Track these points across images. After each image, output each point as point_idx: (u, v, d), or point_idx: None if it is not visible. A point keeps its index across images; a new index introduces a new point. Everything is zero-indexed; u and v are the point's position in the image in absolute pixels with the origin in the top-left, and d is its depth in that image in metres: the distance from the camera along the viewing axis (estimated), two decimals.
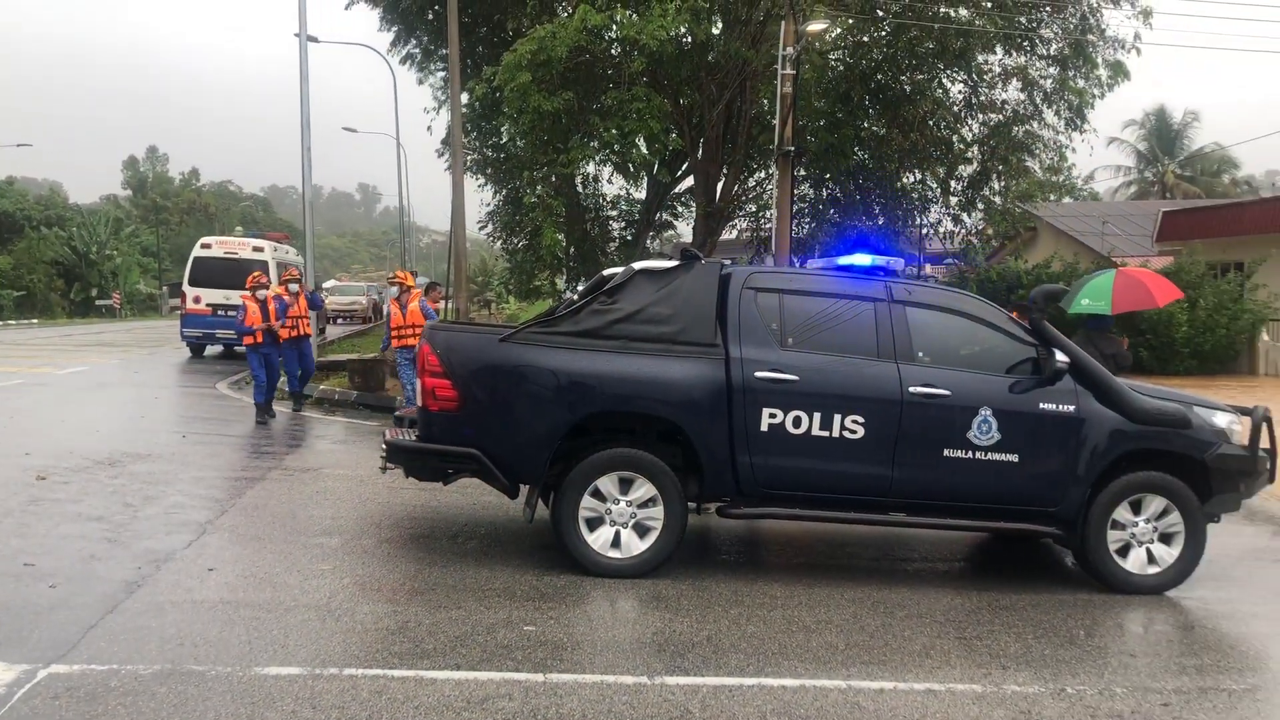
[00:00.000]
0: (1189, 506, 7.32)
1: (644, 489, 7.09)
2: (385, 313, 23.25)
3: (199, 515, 8.41)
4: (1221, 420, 7.58)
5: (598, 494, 7.10)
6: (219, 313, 24.05)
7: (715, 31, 23.78)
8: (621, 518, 7.11)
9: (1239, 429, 7.61)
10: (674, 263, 7.56)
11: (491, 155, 27.40)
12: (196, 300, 24.43)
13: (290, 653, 5.42)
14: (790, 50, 18.36)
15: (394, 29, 26.36)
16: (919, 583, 7.54)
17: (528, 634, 5.87)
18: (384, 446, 7.55)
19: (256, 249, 25.19)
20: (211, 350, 25.50)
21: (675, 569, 7.25)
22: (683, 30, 21.33)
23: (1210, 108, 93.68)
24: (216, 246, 25.48)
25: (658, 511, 7.10)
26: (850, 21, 23.05)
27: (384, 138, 44.56)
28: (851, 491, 7.30)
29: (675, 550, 7.17)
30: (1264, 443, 7.58)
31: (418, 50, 27.19)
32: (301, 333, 15.38)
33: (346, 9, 25.48)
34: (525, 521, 7.48)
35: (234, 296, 23.97)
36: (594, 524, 7.11)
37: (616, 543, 7.11)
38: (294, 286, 15.33)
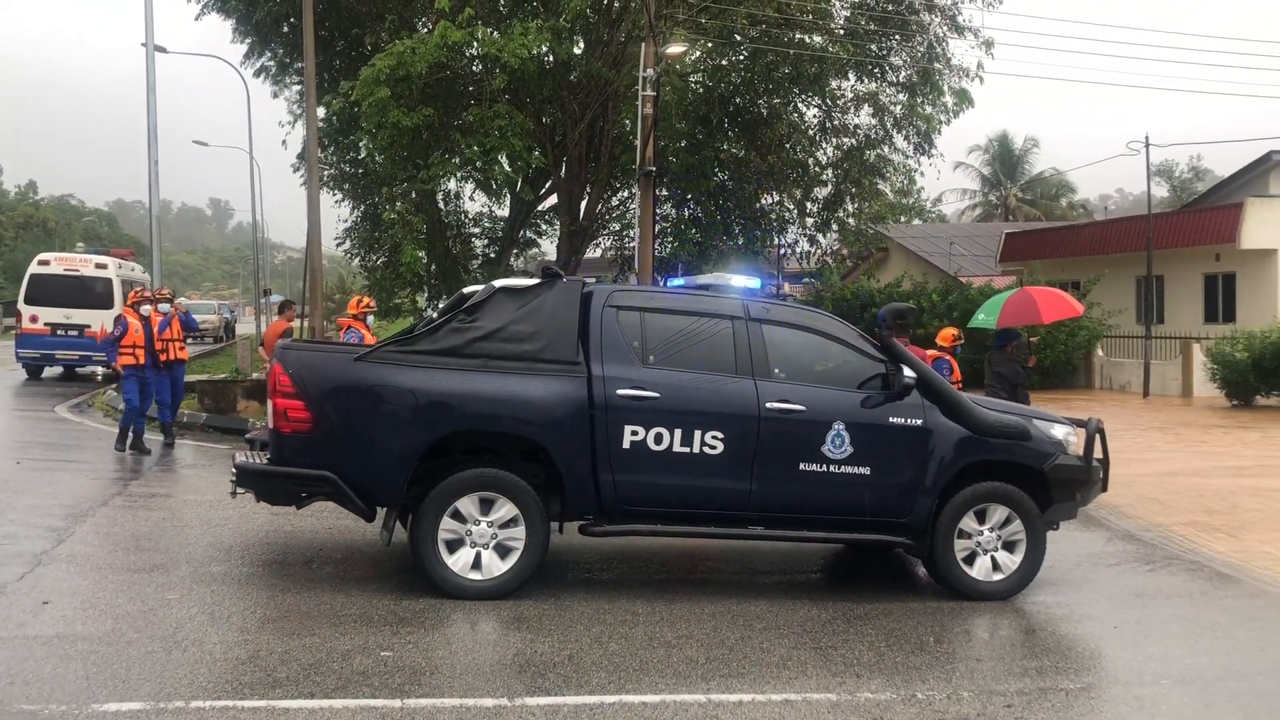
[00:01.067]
0: (1030, 515, 7.64)
1: (505, 509, 7.04)
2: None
3: (33, 546, 7.97)
4: (1059, 432, 7.96)
5: (458, 515, 7.00)
6: (59, 332, 22.91)
7: (577, 51, 23.90)
8: (482, 539, 7.03)
9: (1075, 440, 8.00)
10: (535, 280, 7.55)
11: (349, 170, 26.91)
12: (33, 319, 23.17)
13: (132, 687, 5.17)
14: (650, 72, 18.58)
15: (248, 40, 25.62)
16: (777, 595, 7.68)
17: (384, 659, 5.75)
18: (234, 470, 7.30)
19: (100, 265, 24.07)
20: (50, 372, 24.23)
21: (537, 589, 7.21)
22: (544, 49, 21.36)
23: (1049, 134, 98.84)
24: (56, 263, 24.24)
25: (519, 532, 7.05)
26: (709, 45, 23.48)
27: (237, 151, 43.36)
28: (712, 506, 7.40)
29: (537, 570, 7.13)
30: (1097, 453, 7.99)
31: (273, 63, 26.50)
32: (175, 356, 13.82)
33: (197, 19, 24.67)
34: (382, 545, 7.33)
35: (75, 315, 22.93)
36: (454, 546, 7.01)
37: (477, 564, 7.03)
38: (165, 306, 13.86)
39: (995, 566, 7.63)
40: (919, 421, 7.53)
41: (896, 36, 24.12)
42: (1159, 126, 63.13)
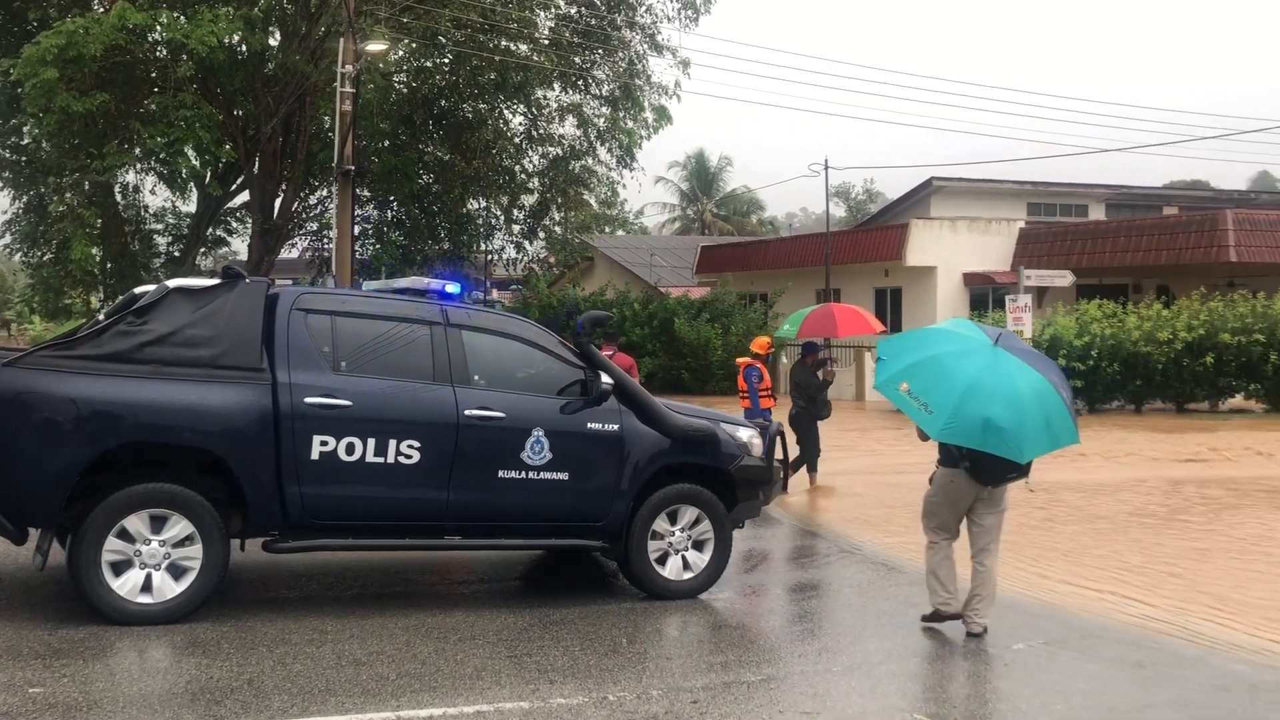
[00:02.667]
0: (718, 515, 7.96)
1: (179, 526, 6.53)
2: None
3: None
4: (744, 435, 8.34)
5: (125, 534, 6.42)
6: None
7: (273, 43, 22.84)
8: (154, 559, 6.49)
9: (758, 443, 8.41)
10: (214, 281, 7.08)
11: (10, 157, 24.39)
12: None
13: None
14: (350, 68, 18.01)
15: None
16: (475, 604, 7.60)
17: (34, 697, 5.18)
18: None
19: None
20: None
21: (216, 610, 6.75)
22: (236, 39, 20.26)
23: (742, 154, 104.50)
24: None
25: (195, 550, 6.56)
26: (413, 46, 23.09)
27: None
28: (408, 517, 7.21)
29: (216, 591, 6.68)
30: (778, 454, 8.45)
31: None
32: None
33: None
34: (36, 570, 6.62)
35: None
36: (120, 568, 6.43)
37: (148, 586, 6.48)
38: None
39: (686, 566, 7.88)
40: (615, 427, 7.66)
41: (600, 50, 24.70)
42: (838, 150, 68.06)
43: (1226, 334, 21.38)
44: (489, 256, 30.44)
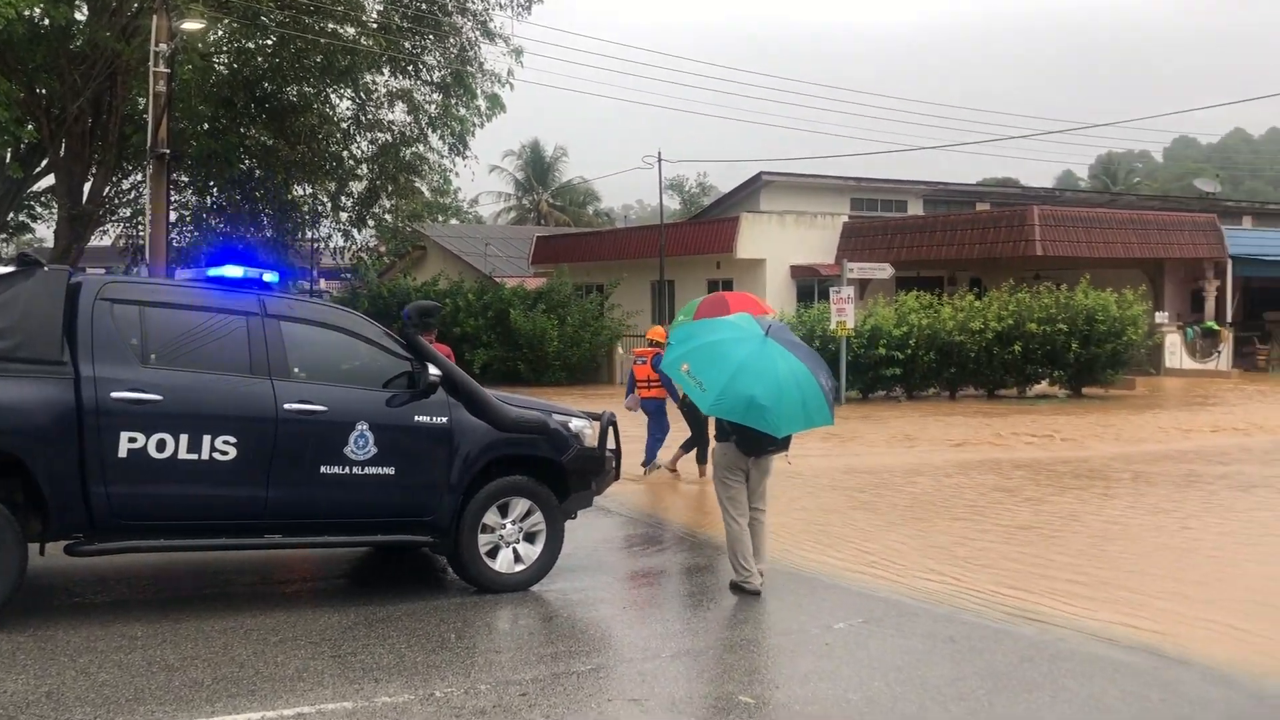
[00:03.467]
0: (549, 506, 7.93)
1: None
2: None
3: None
4: (576, 425, 8.33)
5: None
6: None
7: (80, 17, 21.56)
8: None
9: (590, 432, 8.42)
10: (7, 269, 6.63)
11: None
12: None
13: None
14: (164, 47, 17.13)
15: None
16: (298, 604, 7.36)
17: None
18: None
19: None
20: None
21: (12, 620, 6.32)
22: (38, 11, 19.03)
23: (578, 145, 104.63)
24: None
25: None
26: (234, 25, 22.15)
27: None
28: (224, 516, 6.93)
29: (10, 599, 6.26)
30: (610, 444, 8.49)
31: None
32: None
33: None
34: None
35: None
36: None
37: None
38: None
39: (517, 558, 7.83)
40: (444, 420, 7.53)
41: (430, 36, 24.25)
42: (674, 144, 69.09)
43: (1033, 324, 22.64)
44: (315, 245, 29.55)
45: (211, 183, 24.98)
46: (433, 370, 7.50)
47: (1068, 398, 23.61)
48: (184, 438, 6.66)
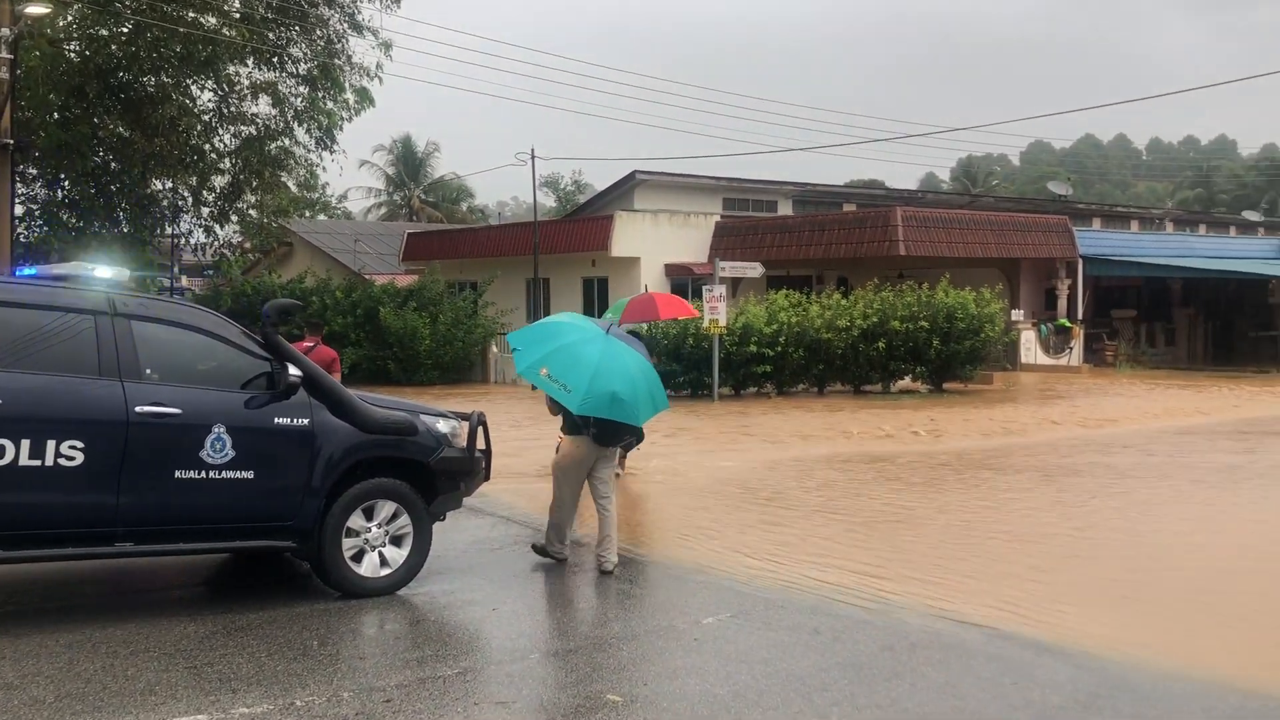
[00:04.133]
0: (416, 508, 7.80)
1: None
2: None
3: None
4: (444, 426, 8.22)
5: None
6: None
7: None
8: None
9: (460, 433, 8.32)
10: None
11: None
12: None
13: None
14: (7, 31, 16.28)
15: None
16: (152, 614, 7.07)
17: None
18: None
19: None
20: None
21: None
22: None
23: (450, 141, 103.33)
24: None
25: None
26: (86, 11, 21.19)
27: None
28: (71, 525, 6.62)
29: None
30: (480, 444, 8.40)
31: None
32: None
33: None
34: None
35: None
36: None
37: None
38: None
39: (383, 562, 7.69)
40: (305, 421, 7.34)
41: (296, 27, 23.63)
42: (548, 142, 68.88)
43: (896, 321, 23.30)
44: (176, 241, 28.49)
45: (62, 175, 23.85)
46: (293, 371, 7.30)
47: (929, 393, 24.37)
48: (25, 443, 6.35)
